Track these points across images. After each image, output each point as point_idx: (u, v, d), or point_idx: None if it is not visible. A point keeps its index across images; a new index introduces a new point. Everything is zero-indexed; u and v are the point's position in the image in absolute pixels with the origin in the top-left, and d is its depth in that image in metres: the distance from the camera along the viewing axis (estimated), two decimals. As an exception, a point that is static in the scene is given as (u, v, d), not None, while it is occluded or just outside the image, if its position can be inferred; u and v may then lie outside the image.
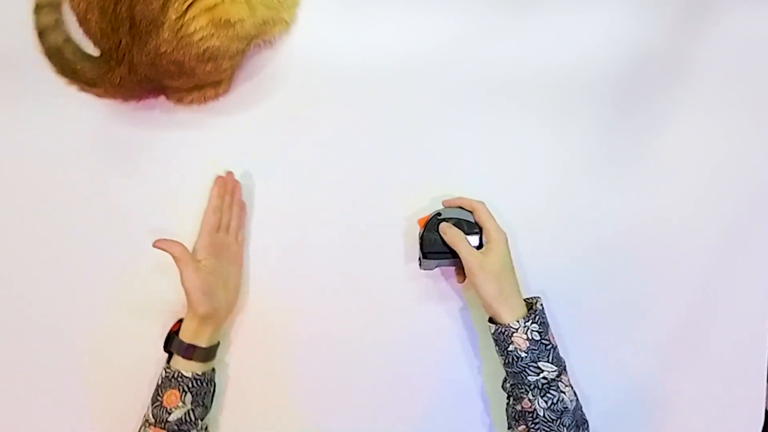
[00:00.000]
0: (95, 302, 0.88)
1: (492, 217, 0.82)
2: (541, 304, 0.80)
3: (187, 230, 0.88)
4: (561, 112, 0.90)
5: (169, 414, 0.78)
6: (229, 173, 0.88)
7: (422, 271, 0.86)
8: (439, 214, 0.83)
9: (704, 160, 0.90)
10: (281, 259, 0.89)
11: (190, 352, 0.79)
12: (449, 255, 0.81)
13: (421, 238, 0.82)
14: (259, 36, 0.84)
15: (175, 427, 0.78)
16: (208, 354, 0.81)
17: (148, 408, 0.79)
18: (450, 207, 0.84)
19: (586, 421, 0.78)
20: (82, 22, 0.79)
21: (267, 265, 0.89)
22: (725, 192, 0.89)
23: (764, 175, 0.90)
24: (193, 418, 0.79)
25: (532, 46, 0.91)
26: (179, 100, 0.87)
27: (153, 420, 0.78)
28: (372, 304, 0.88)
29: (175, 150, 0.90)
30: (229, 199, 0.87)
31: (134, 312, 0.88)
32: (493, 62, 0.91)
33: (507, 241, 0.80)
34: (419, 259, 0.84)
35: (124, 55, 0.78)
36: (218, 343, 0.84)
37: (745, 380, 0.88)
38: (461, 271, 0.83)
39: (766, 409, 0.88)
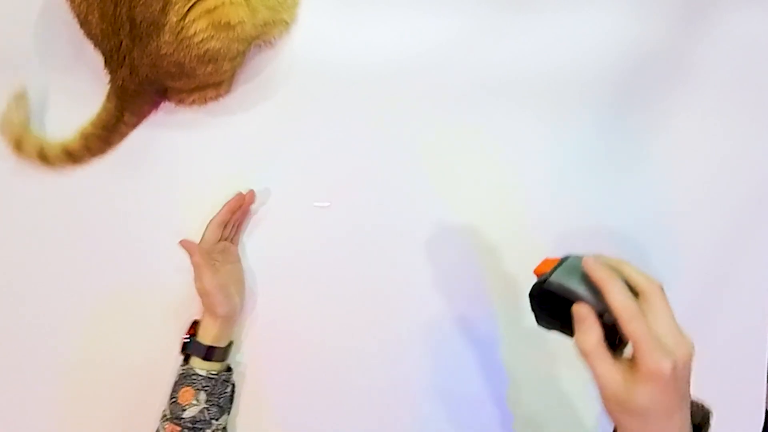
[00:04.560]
0: (96, 302, 0.88)
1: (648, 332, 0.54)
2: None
3: (188, 230, 0.89)
4: (561, 112, 0.90)
5: (183, 410, 0.78)
6: (251, 192, 0.88)
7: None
8: (569, 291, 0.59)
9: (704, 160, 0.90)
10: (282, 260, 0.89)
11: (211, 353, 0.81)
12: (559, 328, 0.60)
13: (535, 299, 0.63)
14: (260, 37, 0.85)
15: (189, 424, 0.78)
16: (225, 353, 0.83)
17: (167, 403, 0.80)
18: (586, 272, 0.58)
19: None
20: (83, 23, 0.80)
21: (268, 267, 0.89)
22: (725, 192, 0.89)
23: (764, 175, 0.90)
24: (207, 418, 0.79)
25: (533, 46, 0.91)
26: (180, 101, 0.87)
27: (170, 415, 0.79)
28: (373, 307, 0.89)
29: (176, 150, 0.90)
30: (239, 214, 0.87)
31: (134, 310, 0.88)
32: (494, 62, 0.90)
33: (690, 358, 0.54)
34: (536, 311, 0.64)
35: (125, 56, 0.79)
36: (231, 343, 0.85)
37: (745, 380, 0.88)
38: None
39: (766, 409, 0.88)
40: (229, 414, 0.84)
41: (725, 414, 0.88)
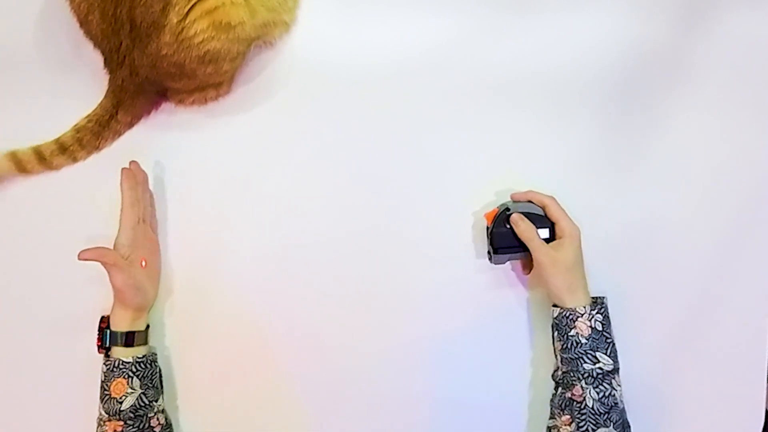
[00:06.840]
0: (95, 303, 0.88)
1: (565, 212, 0.82)
2: (607, 302, 0.81)
3: (189, 230, 0.89)
4: (561, 112, 0.90)
5: (120, 403, 0.78)
6: (134, 163, 0.86)
7: (493, 265, 0.86)
8: (507, 209, 0.83)
9: (704, 160, 0.90)
10: (281, 258, 0.89)
11: (131, 338, 0.80)
12: (520, 249, 0.82)
13: (491, 233, 0.83)
14: (260, 38, 0.85)
15: (131, 414, 0.78)
16: (146, 336, 0.83)
17: (99, 407, 0.79)
18: (518, 201, 0.85)
19: (630, 426, 0.78)
20: (83, 23, 0.80)
21: (268, 266, 0.89)
22: (725, 192, 0.89)
23: (764, 175, 0.90)
24: (146, 402, 0.79)
25: (533, 46, 0.91)
26: (180, 102, 0.88)
27: (106, 415, 0.78)
28: (370, 305, 0.89)
29: (176, 151, 0.90)
30: (140, 189, 0.85)
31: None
32: (494, 62, 0.91)
33: (580, 237, 0.81)
34: (489, 253, 0.85)
35: (125, 57, 0.79)
36: (149, 326, 0.85)
37: (745, 380, 0.88)
38: (528, 263, 0.85)
39: (766, 409, 0.88)
40: (163, 398, 0.84)
41: (725, 414, 0.88)
